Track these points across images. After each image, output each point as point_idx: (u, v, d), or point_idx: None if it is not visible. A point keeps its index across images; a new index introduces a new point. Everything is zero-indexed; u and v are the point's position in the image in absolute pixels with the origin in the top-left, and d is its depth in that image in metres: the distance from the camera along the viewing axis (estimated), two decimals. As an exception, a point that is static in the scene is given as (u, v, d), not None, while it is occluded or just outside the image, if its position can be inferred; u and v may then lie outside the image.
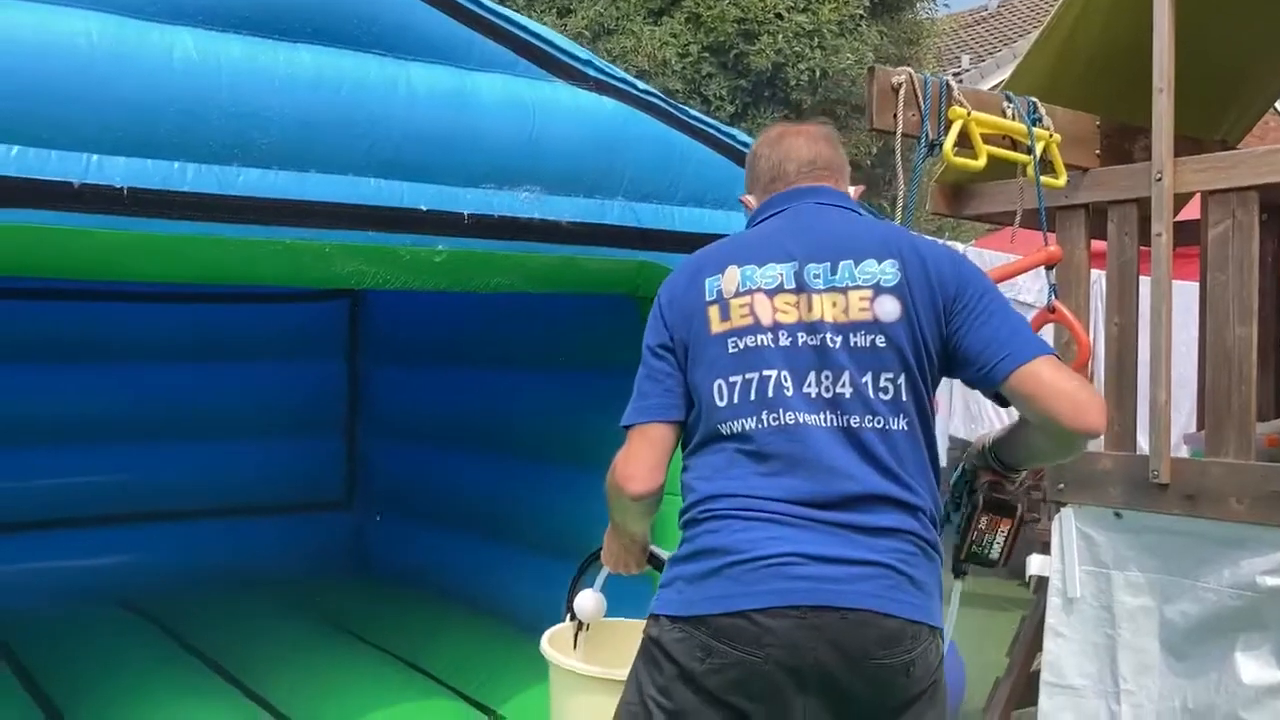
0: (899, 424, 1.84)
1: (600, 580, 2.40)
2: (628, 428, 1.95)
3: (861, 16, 7.75)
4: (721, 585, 1.78)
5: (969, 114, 3.13)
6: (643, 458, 1.92)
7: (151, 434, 5.13)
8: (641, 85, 3.21)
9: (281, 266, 2.67)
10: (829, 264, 1.90)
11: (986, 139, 3.20)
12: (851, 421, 1.83)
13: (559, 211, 3.04)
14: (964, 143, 3.18)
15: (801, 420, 1.83)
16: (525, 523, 4.28)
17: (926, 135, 3.08)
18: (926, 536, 1.84)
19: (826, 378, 1.84)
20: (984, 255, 6.76)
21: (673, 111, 3.24)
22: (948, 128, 3.12)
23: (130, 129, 2.36)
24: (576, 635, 2.36)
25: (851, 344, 1.84)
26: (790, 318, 1.87)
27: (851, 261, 1.89)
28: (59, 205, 2.32)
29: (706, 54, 7.76)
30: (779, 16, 7.47)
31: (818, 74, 7.59)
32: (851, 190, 2.12)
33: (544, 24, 3.50)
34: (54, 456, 4.91)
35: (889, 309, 1.86)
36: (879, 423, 1.83)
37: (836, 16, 7.57)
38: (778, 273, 1.90)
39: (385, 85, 2.70)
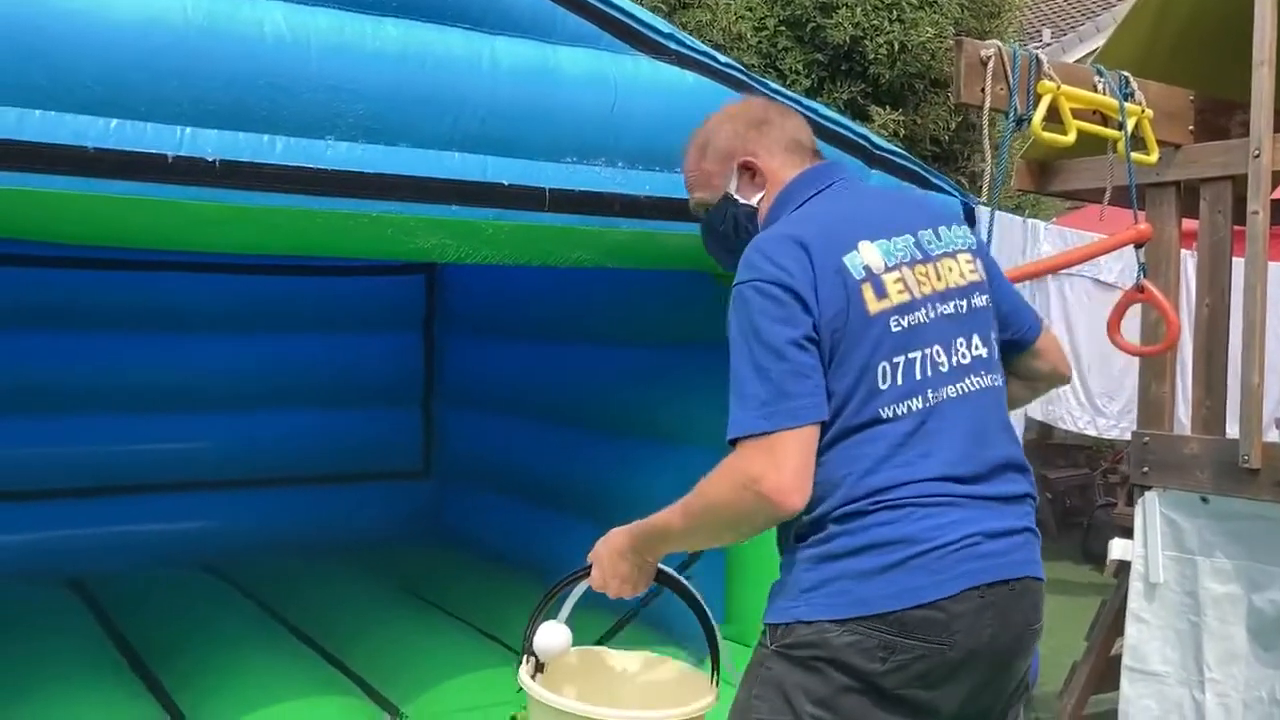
0: (1000, 381, 1.90)
1: (568, 609, 2.04)
2: (765, 434, 1.68)
3: (942, -11, 7.60)
4: (908, 577, 1.69)
5: (1059, 88, 3.06)
6: (800, 467, 1.69)
7: (235, 403, 5.25)
8: (723, 59, 3.19)
9: (366, 239, 2.71)
10: (930, 230, 1.89)
11: (1076, 114, 3.13)
12: (981, 383, 1.85)
13: (639, 186, 3.03)
14: (1053, 118, 3.11)
15: (953, 392, 1.81)
16: (599, 497, 4.30)
17: (1014, 110, 3.02)
18: (1036, 495, 1.90)
19: (961, 344, 1.84)
20: (1065, 234, 6.61)
21: (754, 85, 3.21)
22: (1036, 102, 3.06)
23: (222, 102, 2.39)
24: (536, 675, 1.99)
25: (974, 306, 1.88)
26: (928, 289, 1.84)
27: (944, 227, 1.91)
28: (153, 177, 2.36)
29: (783, 28, 7.67)
30: (857, -11, 7.36)
31: (896, 47, 7.46)
32: None
33: (621, -2, 3.48)
34: (140, 424, 5.05)
35: (979, 268, 1.93)
36: (994, 381, 1.88)
37: (916, -11, 7.43)
38: (906, 243, 1.86)
39: (470, 60, 2.71)
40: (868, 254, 1.81)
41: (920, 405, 1.77)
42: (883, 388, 1.76)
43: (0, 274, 4.64)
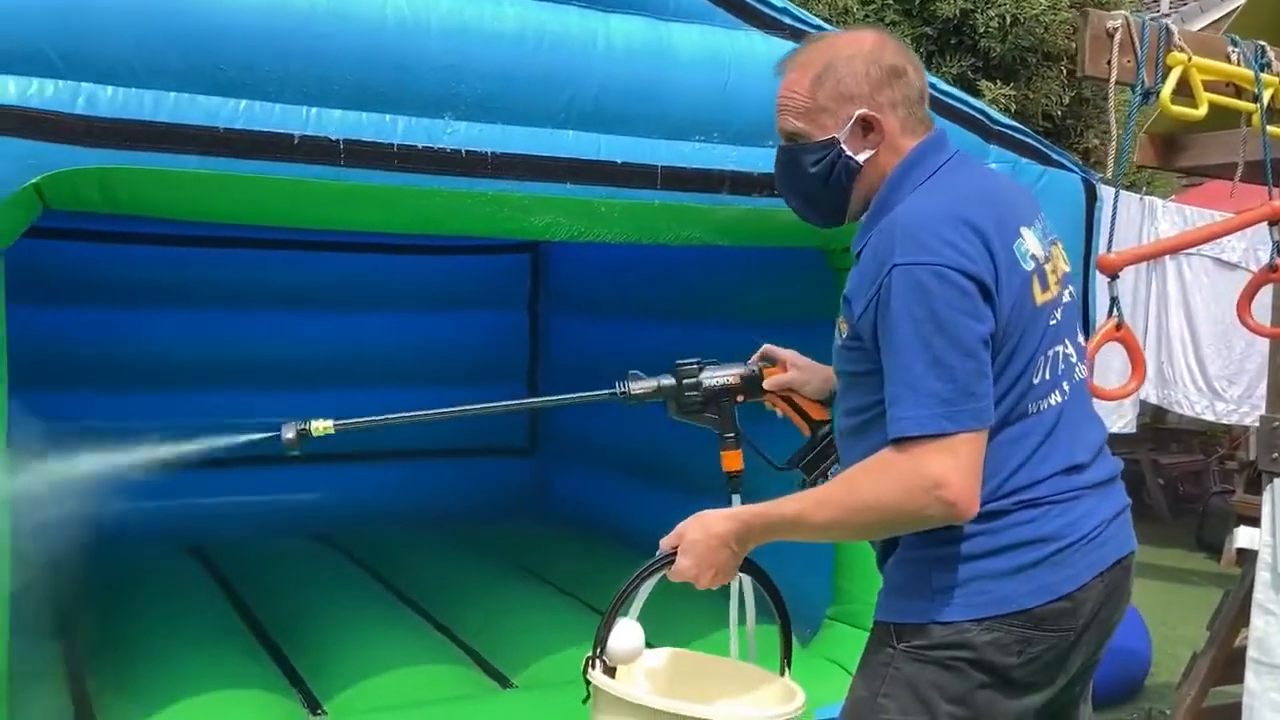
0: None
1: (638, 606, 1.87)
2: (949, 434, 1.58)
3: (1056, -41, 7.38)
4: (1046, 574, 1.70)
5: (1189, 60, 2.95)
6: (979, 472, 1.61)
7: (346, 379, 5.37)
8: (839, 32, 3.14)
9: (483, 217, 2.74)
10: (1036, 222, 1.83)
11: (1208, 86, 3.02)
12: (1078, 374, 1.85)
13: (752, 163, 3.02)
14: (1182, 90, 3.00)
15: (1069, 385, 1.80)
16: (702, 474, 4.29)
17: (1142, 83, 2.92)
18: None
19: (1067, 339, 1.83)
20: (1184, 211, 6.39)
21: (869, 60, 3.16)
22: (1165, 75, 2.95)
23: (346, 82, 2.45)
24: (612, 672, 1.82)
25: (1066, 300, 1.84)
26: (1056, 280, 1.82)
27: (1039, 221, 1.84)
28: (279, 156, 2.43)
29: (890, 1, 7.53)
30: (968, -39, 7.19)
31: (1008, 20, 7.26)
32: None
33: (725, -26, 3.45)
34: (257, 399, 5.19)
35: (1068, 262, 1.90)
36: (1084, 371, 1.88)
37: (1029, -40, 7.23)
38: (1040, 232, 1.82)
39: (584, 38, 2.72)
40: (1030, 242, 1.74)
41: (1058, 400, 1.76)
42: (1035, 383, 1.73)
43: (122, 251, 4.82)
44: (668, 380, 2.14)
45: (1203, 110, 3.00)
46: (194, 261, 4.98)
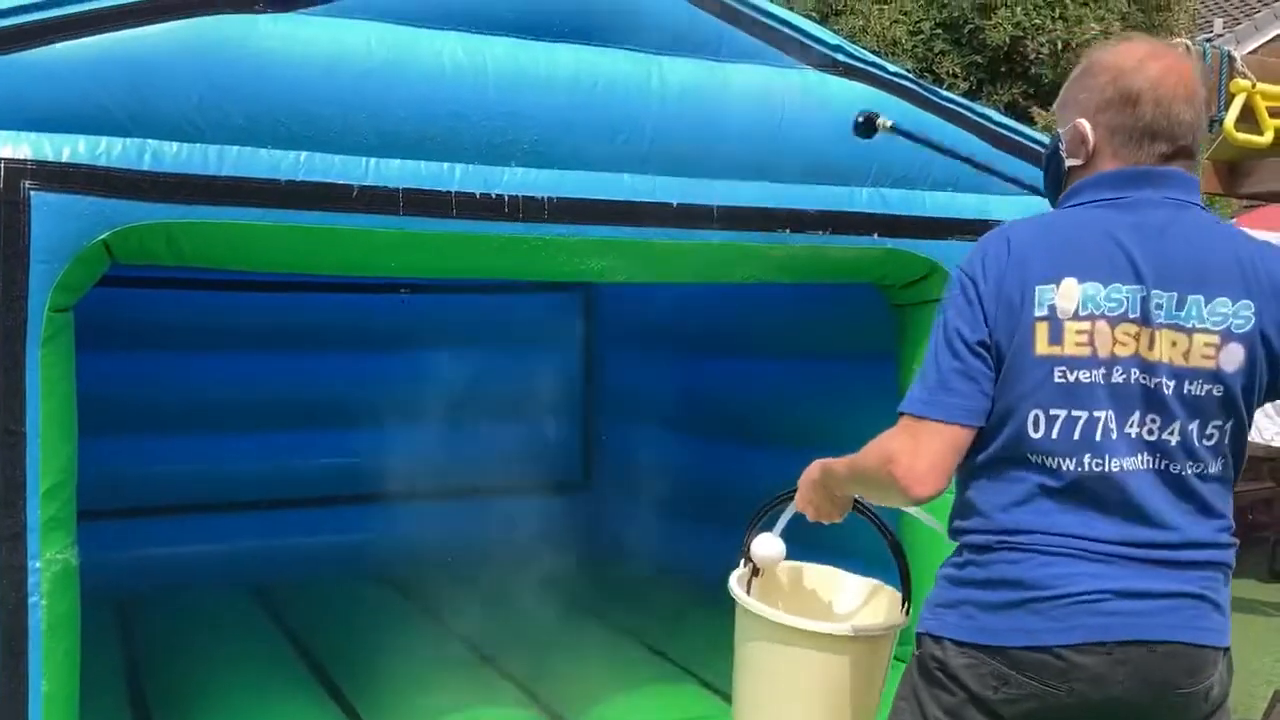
0: (1216, 467, 1.75)
1: (781, 524, 2.20)
2: (918, 417, 1.73)
3: (1108, -17, 7.34)
4: (1024, 619, 1.70)
5: (1254, 86, 2.91)
6: (937, 461, 1.72)
7: (403, 418, 5.40)
8: (892, 68, 3.13)
9: (540, 262, 2.75)
10: (1176, 295, 1.69)
11: (1274, 113, 2.97)
12: (1173, 467, 1.72)
13: (808, 200, 3.01)
14: (1246, 117, 2.95)
15: (1124, 466, 1.70)
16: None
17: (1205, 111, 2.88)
18: (1231, 563, 1.77)
19: (1153, 421, 1.70)
20: (1253, 236, 6.26)
21: (924, 93, 3.15)
22: (1229, 102, 2.91)
23: (405, 132, 2.48)
24: (750, 581, 2.19)
25: (1185, 391, 1.70)
26: (1128, 350, 1.69)
27: (1202, 298, 1.69)
28: (340, 207, 2.47)
29: (939, 30, 7.53)
30: (1017, -12, 7.17)
31: (1059, 46, 7.24)
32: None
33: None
34: (311, 439, 5.26)
35: (1234, 358, 1.71)
36: (1199, 468, 1.73)
37: (1080, -15, 7.20)
38: (1123, 297, 1.69)
39: (639, 81, 2.74)
40: (1065, 293, 1.70)
41: (1071, 467, 1.70)
42: (1033, 435, 1.71)
43: (173, 297, 4.89)
44: None
45: (1268, 137, 2.95)
46: (242, 306, 5.04)
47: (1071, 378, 1.70)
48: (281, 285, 4.97)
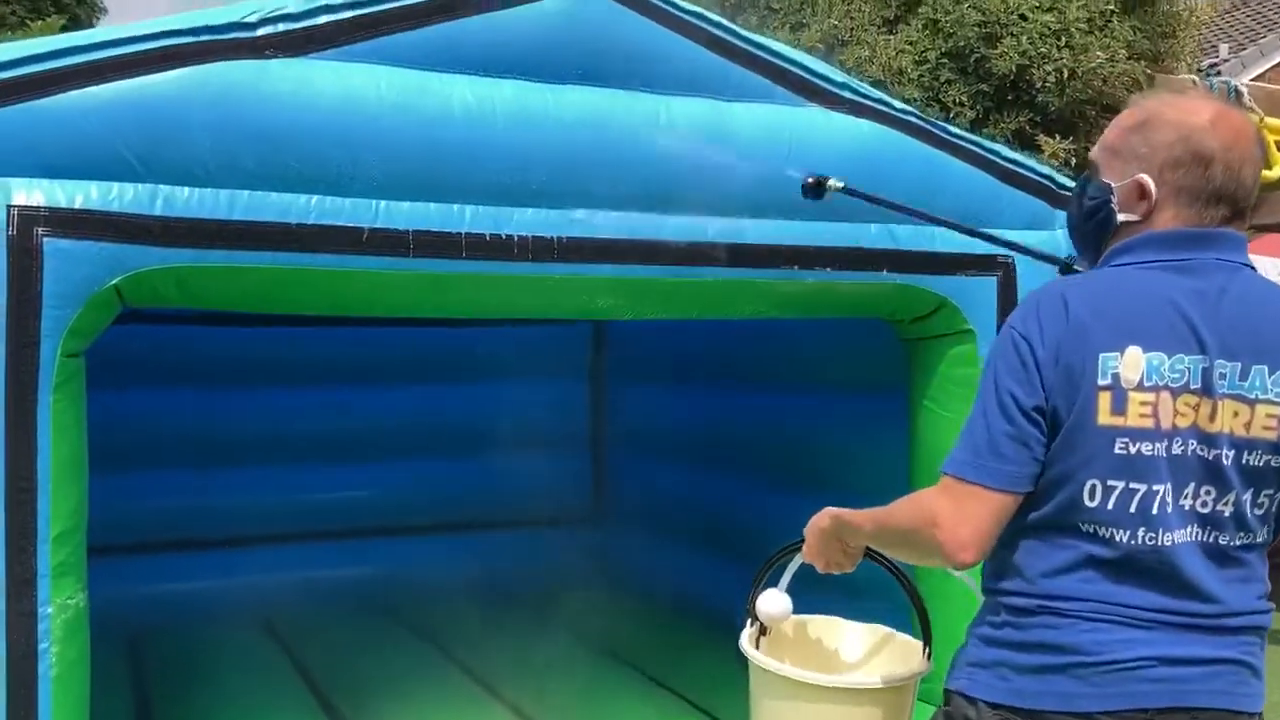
0: (1263, 535, 1.73)
1: (786, 578, 2.14)
2: (965, 480, 1.67)
3: (1113, 12, 7.34)
4: (1062, 683, 1.66)
5: (1261, 120, 2.91)
6: (981, 528, 1.66)
7: (411, 452, 5.41)
8: (899, 105, 3.15)
9: (549, 301, 2.77)
10: (1240, 365, 1.66)
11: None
12: (1221, 539, 1.69)
13: (814, 237, 3.01)
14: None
15: (1174, 539, 1.67)
16: (768, 543, 4.24)
17: (1212, 146, 2.87)
18: (1268, 626, 1.75)
19: (1208, 493, 1.67)
20: (1260, 262, 6.26)
21: (932, 130, 3.16)
22: (1236, 137, 2.91)
23: (415, 175, 2.49)
24: (758, 640, 2.15)
25: (1243, 462, 1.68)
26: (1186, 421, 1.65)
27: (1266, 368, 1.66)
28: (350, 249, 2.47)
29: (945, 60, 7.54)
30: (1023, 18, 7.18)
31: (1065, 75, 7.24)
32: None
33: (777, 39, 3.48)
34: (316, 473, 5.26)
35: None
36: (1247, 538, 1.71)
37: (1085, 14, 7.20)
38: (1186, 368, 1.65)
39: (646, 121, 2.75)
40: (1129, 362, 1.65)
41: (1125, 539, 1.66)
42: (1089, 504, 1.66)
43: (184, 332, 4.91)
44: None
45: (1277, 172, 2.95)
46: (251, 341, 5.06)
47: (1133, 449, 1.65)
48: (289, 320, 4.98)
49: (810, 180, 2.48)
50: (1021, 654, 1.71)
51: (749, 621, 2.15)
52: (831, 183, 2.51)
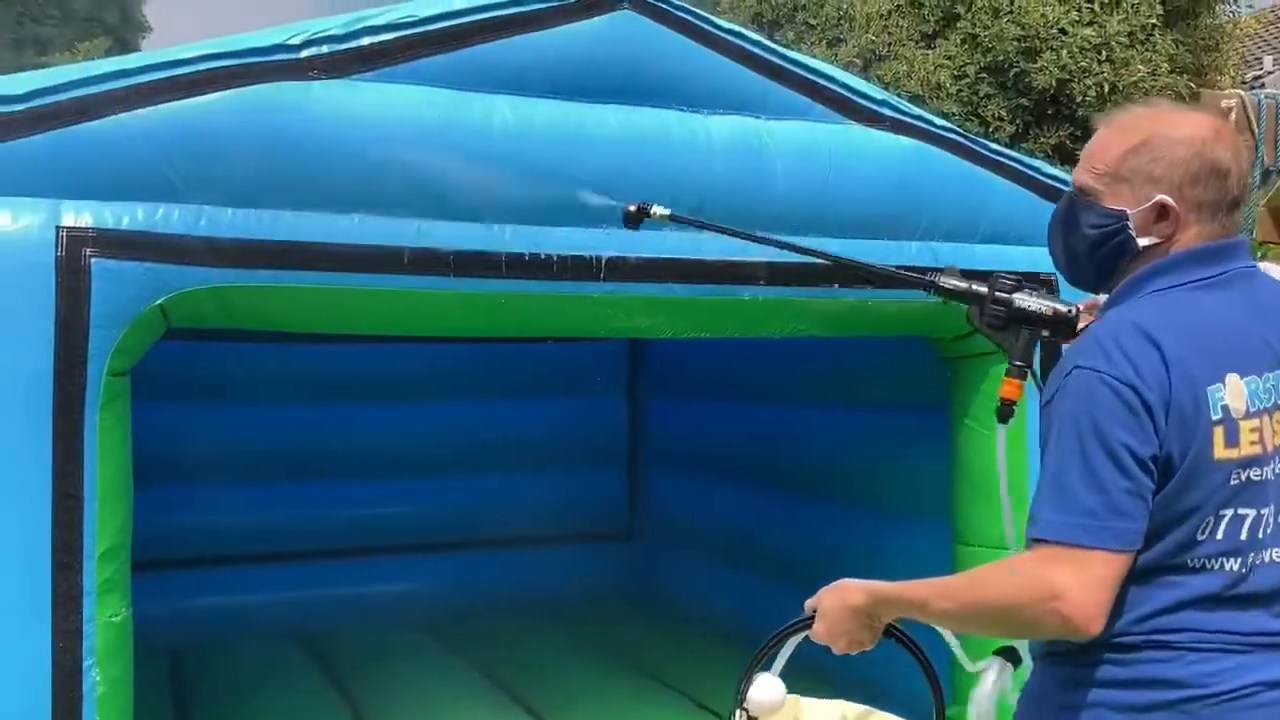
0: None
1: (781, 661, 1.94)
2: (1083, 546, 1.55)
3: (1154, 26, 7.28)
4: (1170, 718, 1.60)
5: (1310, 136, 2.87)
6: (1110, 594, 1.55)
7: (447, 469, 5.43)
8: (940, 122, 3.13)
9: (589, 320, 2.76)
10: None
11: (1330, 163, 2.92)
12: None
13: (854, 254, 2.99)
14: (1303, 167, 2.91)
15: (1274, 557, 1.64)
16: (805, 560, 4.23)
17: (1261, 161, 2.84)
18: None
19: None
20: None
21: (973, 147, 3.14)
22: (1286, 152, 2.87)
23: (456, 194, 2.50)
24: None
25: None
26: (1253, 439, 1.62)
27: None
28: (391, 269, 2.48)
29: (984, 74, 7.50)
30: (1063, 32, 7.13)
31: (1106, 89, 7.18)
32: None
33: (814, 55, 3.47)
34: (356, 489, 5.28)
35: None
36: None
37: (1126, 28, 7.14)
38: (1272, 385, 1.63)
39: (685, 139, 2.75)
40: (1233, 392, 1.61)
41: (1235, 566, 1.62)
42: (1200, 539, 1.61)
43: (223, 349, 4.93)
44: (980, 287, 2.04)
45: (1326, 186, 2.90)
46: (290, 356, 5.08)
47: (1244, 477, 1.61)
48: (331, 337, 5.00)
49: (632, 208, 2.37)
50: (1126, 691, 1.62)
51: (737, 713, 1.88)
52: (656, 210, 2.36)
